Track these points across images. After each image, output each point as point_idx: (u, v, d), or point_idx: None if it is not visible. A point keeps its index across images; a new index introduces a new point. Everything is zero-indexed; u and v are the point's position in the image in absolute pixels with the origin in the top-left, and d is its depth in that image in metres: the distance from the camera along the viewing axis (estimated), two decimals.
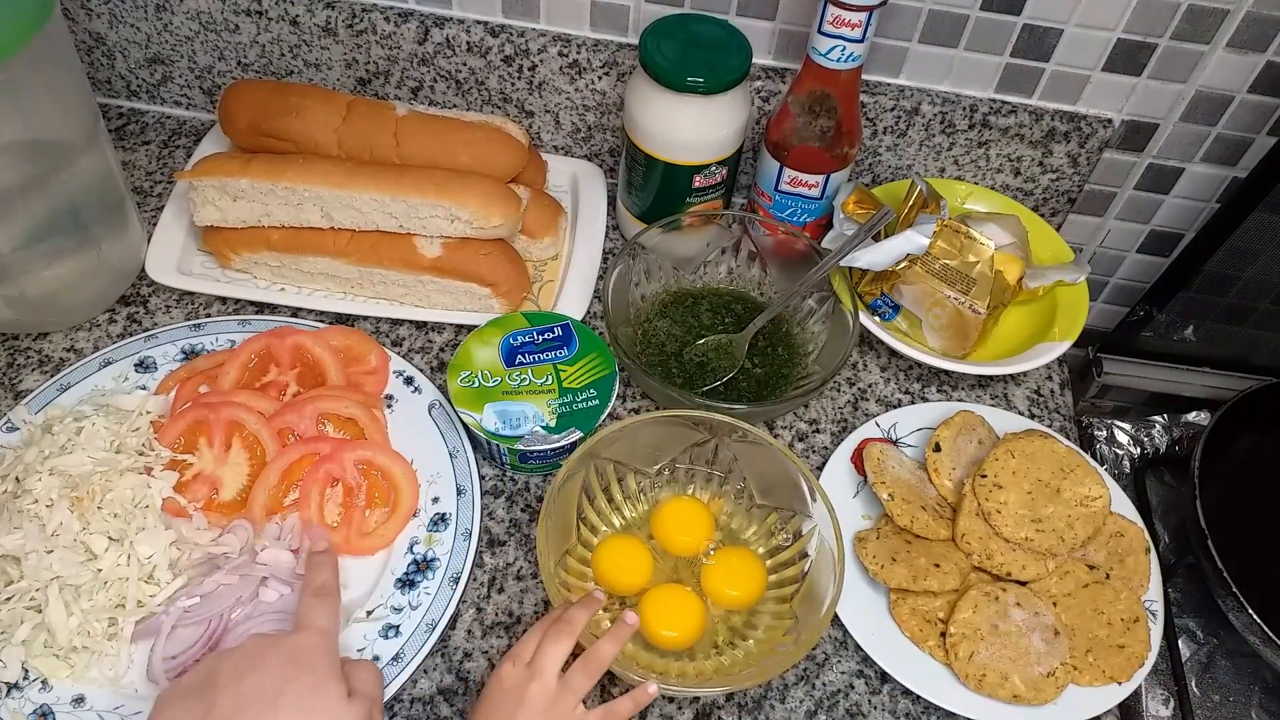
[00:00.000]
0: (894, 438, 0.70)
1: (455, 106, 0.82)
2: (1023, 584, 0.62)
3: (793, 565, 0.60)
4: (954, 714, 0.59)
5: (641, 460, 0.63)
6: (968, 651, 0.59)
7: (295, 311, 0.73)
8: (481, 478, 0.66)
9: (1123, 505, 0.67)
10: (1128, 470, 0.83)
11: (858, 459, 0.68)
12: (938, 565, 0.62)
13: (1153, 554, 0.65)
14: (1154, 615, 0.63)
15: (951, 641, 0.60)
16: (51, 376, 0.67)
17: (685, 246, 0.74)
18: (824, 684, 0.61)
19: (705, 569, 0.61)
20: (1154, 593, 0.64)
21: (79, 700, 0.55)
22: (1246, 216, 0.75)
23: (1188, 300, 0.83)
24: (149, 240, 0.74)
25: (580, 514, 0.61)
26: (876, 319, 0.73)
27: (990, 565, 0.62)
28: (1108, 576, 0.64)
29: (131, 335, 0.71)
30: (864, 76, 0.76)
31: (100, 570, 0.57)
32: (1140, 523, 0.67)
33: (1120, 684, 0.60)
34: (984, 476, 0.64)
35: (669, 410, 0.61)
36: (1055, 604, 0.62)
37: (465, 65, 0.78)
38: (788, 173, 0.72)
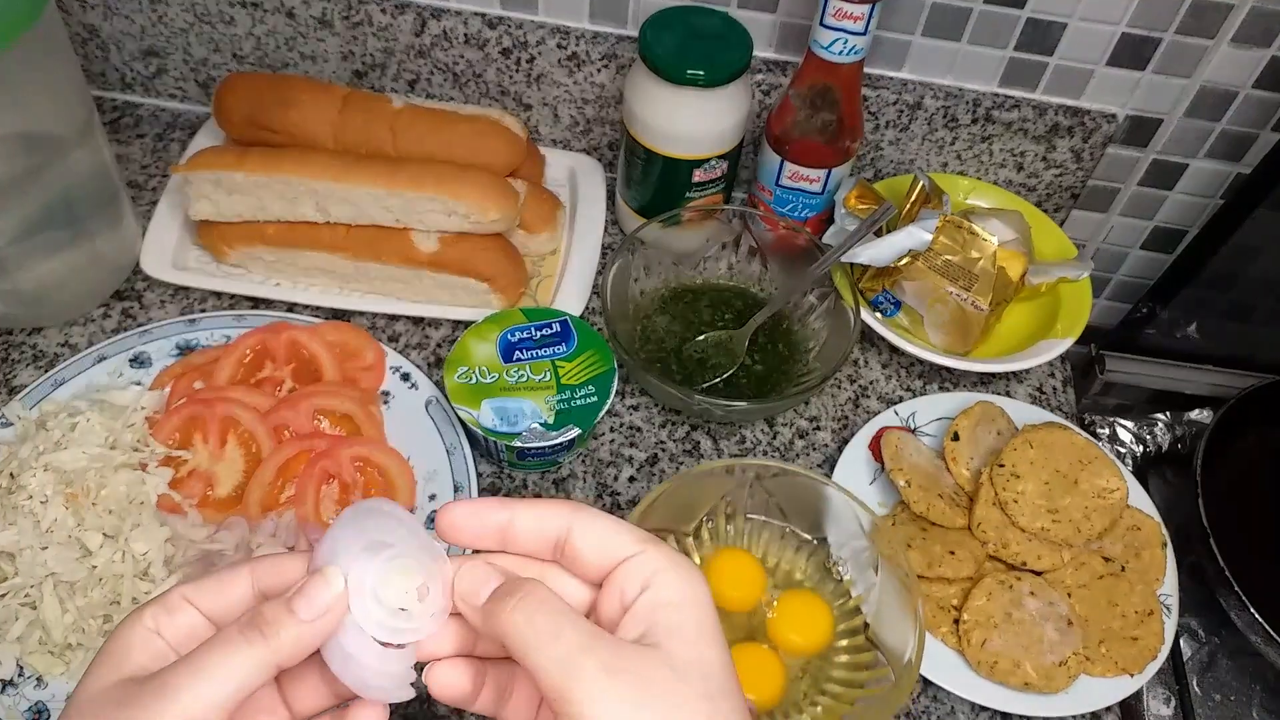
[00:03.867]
0: (912, 426, 0.70)
1: (452, 99, 0.81)
2: (1038, 574, 0.62)
3: (856, 597, 0.58)
4: (966, 700, 0.60)
5: (678, 521, 0.60)
6: (980, 638, 0.59)
7: (291, 306, 0.72)
8: (479, 475, 0.66)
9: (1140, 499, 0.67)
10: (1130, 468, 0.83)
11: (875, 446, 0.68)
12: (952, 552, 0.62)
13: (1169, 548, 0.65)
14: (1168, 609, 0.63)
15: (964, 628, 0.60)
16: (46, 372, 0.67)
17: (685, 242, 0.74)
18: None
19: (769, 621, 0.57)
20: (1169, 587, 0.64)
21: None
22: (1251, 213, 0.74)
23: (1191, 297, 0.83)
24: (144, 234, 0.74)
25: None
26: (878, 315, 0.73)
27: (1005, 554, 0.62)
28: (1123, 569, 0.64)
29: (126, 330, 0.70)
30: (866, 70, 0.75)
31: (95, 567, 0.56)
32: (1158, 517, 0.67)
33: (1132, 675, 0.60)
34: (1001, 466, 0.64)
35: (698, 467, 0.59)
36: (1070, 594, 0.62)
37: (463, 58, 0.78)
38: (789, 167, 0.72)
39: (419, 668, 0.33)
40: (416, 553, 0.32)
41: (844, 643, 0.57)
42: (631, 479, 0.67)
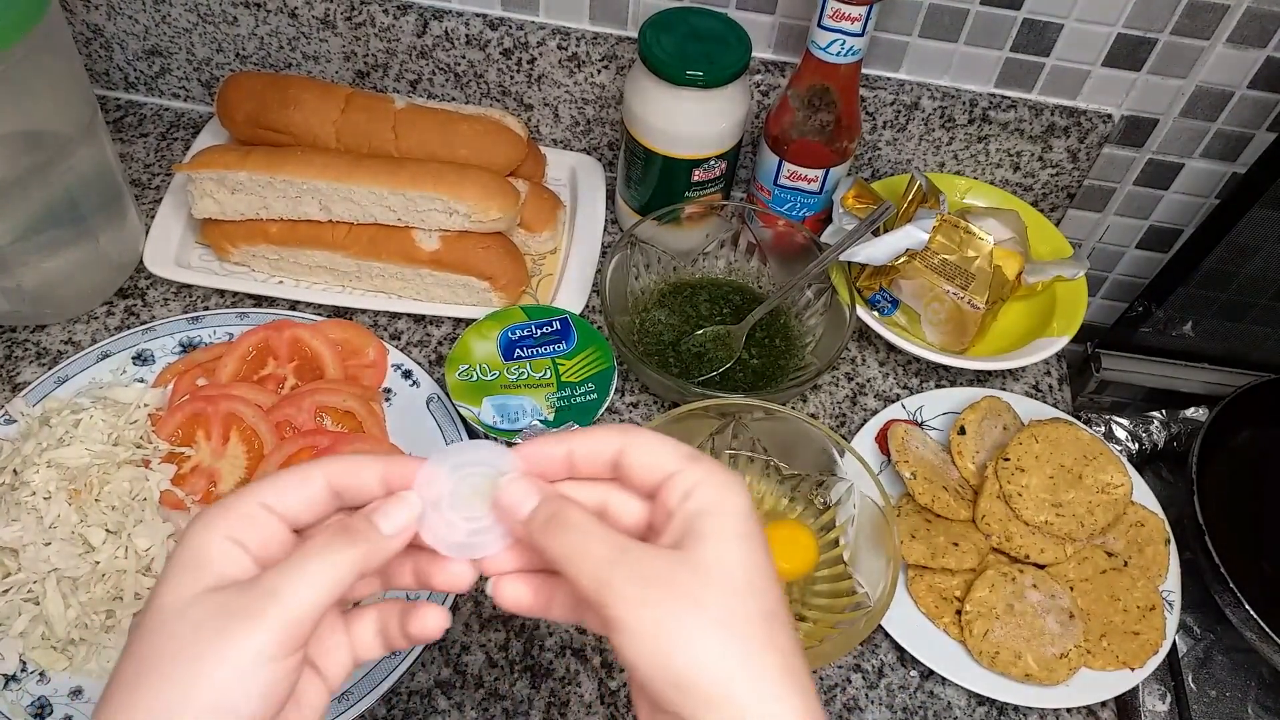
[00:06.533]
0: (919, 420, 0.71)
1: (454, 99, 0.82)
2: (1040, 567, 0.63)
3: (835, 529, 0.62)
4: (966, 689, 0.60)
5: None
6: (982, 629, 0.60)
7: (293, 304, 0.73)
8: None
9: (1144, 495, 0.68)
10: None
11: (882, 439, 0.69)
12: (956, 544, 0.62)
13: (1172, 545, 0.66)
14: (1170, 605, 0.64)
15: (966, 619, 0.61)
16: (49, 369, 0.67)
17: (685, 240, 0.74)
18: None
19: None
20: (1171, 583, 0.65)
21: (76, 692, 0.55)
22: (1246, 212, 0.75)
23: (1186, 296, 0.83)
24: (147, 233, 0.74)
25: None
26: (875, 314, 0.73)
27: (1009, 547, 0.63)
28: (1126, 564, 0.64)
29: (129, 328, 0.71)
30: (864, 70, 0.75)
31: (98, 563, 0.57)
32: (1161, 514, 0.67)
33: (1133, 669, 0.61)
34: (1007, 460, 0.65)
35: (686, 405, 0.61)
36: (1072, 588, 0.63)
37: (464, 58, 0.78)
38: (787, 167, 0.72)
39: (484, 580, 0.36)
40: (494, 474, 0.35)
41: (824, 571, 0.61)
42: None
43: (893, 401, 0.73)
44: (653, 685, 0.30)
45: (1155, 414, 0.84)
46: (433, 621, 0.35)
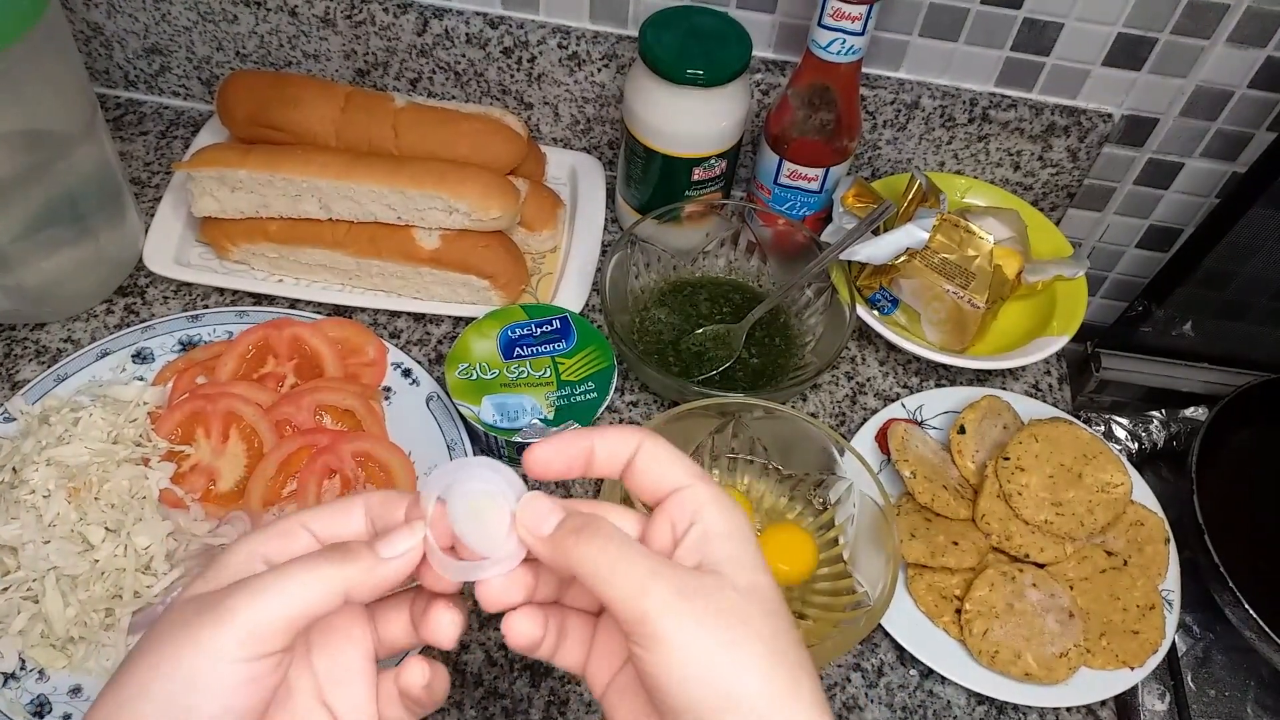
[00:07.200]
0: (919, 419, 0.71)
1: (454, 98, 0.82)
2: (1040, 566, 0.63)
3: (835, 528, 0.62)
4: (965, 689, 0.60)
5: None
6: (982, 628, 0.60)
7: (293, 303, 0.73)
8: None
9: (1144, 494, 0.68)
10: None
11: (882, 438, 0.69)
12: (956, 543, 0.62)
13: (1172, 544, 0.66)
14: (1170, 604, 0.64)
15: (966, 618, 0.61)
16: (49, 367, 0.67)
17: (685, 238, 0.74)
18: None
19: None
20: (1171, 582, 0.65)
21: (76, 691, 0.55)
22: (1246, 212, 0.75)
23: (1186, 295, 0.83)
24: (146, 231, 0.74)
25: None
26: (875, 313, 0.73)
27: (1009, 546, 0.63)
28: (1126, 563, 0.64)
29: (129, 326, 0.71)
30: (864, 70, 0.75)
31: (97, 561, 0.57)
32: (1160, 513, 0.67)
33: (1133, 669, 0.61)
34: (1006, 459, 0.65)
35: (685, 404, 0.61)
36: (1072, 587, 0.63)
37: (464, 57, 0.78)
38: (787, 166, 0.72)
39: (497, 618, 0.35)
40: (506, 492, 0.34)
41: (824, 570, 0.61)
42: None
43: (893, 401, 0.73)
44: (687, 702, 0.29)
45: (1155, 413, 0.84)
46: (415, 676, 0.34)
